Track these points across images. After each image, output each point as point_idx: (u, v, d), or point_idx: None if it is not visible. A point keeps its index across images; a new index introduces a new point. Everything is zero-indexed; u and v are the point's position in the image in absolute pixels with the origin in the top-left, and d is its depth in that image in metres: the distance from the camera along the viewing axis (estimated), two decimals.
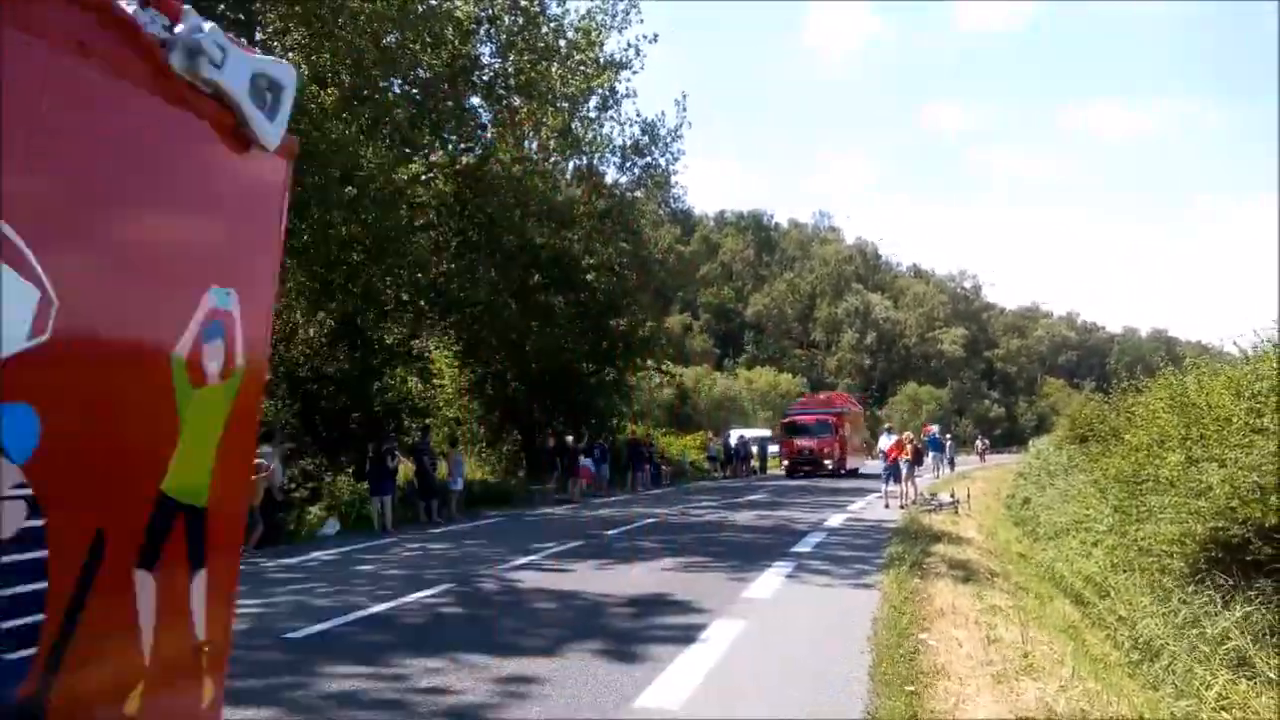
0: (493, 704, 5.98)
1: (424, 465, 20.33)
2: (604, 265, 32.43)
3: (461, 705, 5.98)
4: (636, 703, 5.99)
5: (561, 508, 23.05)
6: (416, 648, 7.56)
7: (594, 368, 33.54)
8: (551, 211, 29.52)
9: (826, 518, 18.73)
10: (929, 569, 11.31)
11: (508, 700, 6.05)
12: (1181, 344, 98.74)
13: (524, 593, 10.28)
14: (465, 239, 25.68)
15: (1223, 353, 16.50)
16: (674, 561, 12.50)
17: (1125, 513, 13.94)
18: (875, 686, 6.29)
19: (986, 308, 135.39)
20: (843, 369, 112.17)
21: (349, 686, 6.46)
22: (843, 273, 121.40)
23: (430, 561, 13.28)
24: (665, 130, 32.52)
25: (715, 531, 16.71)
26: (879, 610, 8.85)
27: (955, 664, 6.95)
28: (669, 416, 63.92)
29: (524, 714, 5.78)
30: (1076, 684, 6.42)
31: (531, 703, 5.98)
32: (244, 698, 6.16)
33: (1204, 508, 10.76)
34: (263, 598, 10.40)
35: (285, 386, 22.98)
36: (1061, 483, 21.33)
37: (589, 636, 7.87)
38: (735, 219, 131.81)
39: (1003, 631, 7.95)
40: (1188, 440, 12.42)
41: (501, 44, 26.22)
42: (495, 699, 6.09)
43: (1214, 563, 10.67)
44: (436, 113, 23.74)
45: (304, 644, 7.87)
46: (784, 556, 12.83)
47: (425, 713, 5.86)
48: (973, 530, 17.01)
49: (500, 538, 16.31)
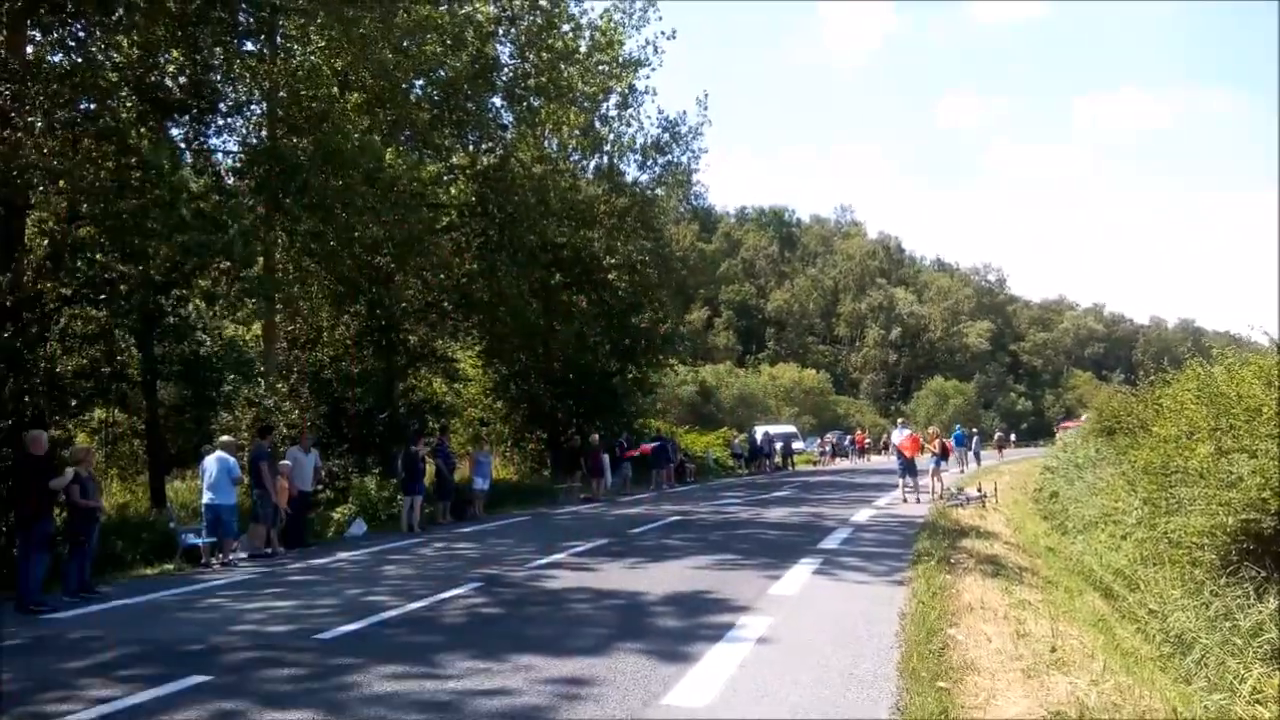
0: (550, 705, 5.95)
1: (441, 466, 20.46)
2: (625, 264, 32.51)
3: (519, 707, 5.94)
4: (665, 700, 6.01)
5: (587, 506, 23.11)
6: (457, 648, 7.58)
7: (617, 366, 33.59)
8: (572, 210, 29.64)
9: (854, 513, 18.68)
10: (957, 564, 11.27)
11: (562, 702, 6.01)
12: (1209, 334, 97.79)
13: (557, 591, 10.32)
14: (487, 239, 25.79)
15: (1251, 343, 16.37)
16: (703, 559, 12.51)
17: (1154, 505, 13.85)
18: (905, 683, 6.27)
19: (1011, 301, 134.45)
20: (867, 364, 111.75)
21: (393, 688, 6.46)
22: (866, 267, 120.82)
23: (459, 561, 13.36)
24: (686, 128, 32.62)
25: (742, 528, 16.70)
26: (908, 605, 8.83)
27: (985, 659, 6.93)
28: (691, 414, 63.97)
29: (582, 714, 5.75)
30: (1108, 678, 6.39)
31: (588, 704, 5.94)
32: (282, 700, 6.21)
33: (1234, 499, 10.69)
34: (294, 599, 10.50)
35: (312, 388, 23.17)
36: (1090, 476, 21.18)
37: (630, 636, 7.88)
38: (756, 215, 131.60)
39: (1032, 626, 7.92)
40: (1217, 431, 12.33)
41: (521, 45, 26.32)
42: (551, 700, 6.05)
43: (1246, 555, 10.60)
44: (457, 114, 23.85)
45: (339, 645, 7.92)
46: (812, 553, 12.81)
47: (485, 714, 5.83)
48: (1000, 525, 16.92)
49: (528, 537, 16.38)
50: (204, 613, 9.93)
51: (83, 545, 11.54)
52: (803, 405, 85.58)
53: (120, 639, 8.52)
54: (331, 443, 22.36)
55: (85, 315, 18.00)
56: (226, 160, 20.93)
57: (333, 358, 24.63)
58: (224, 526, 14.28)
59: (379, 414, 23.37)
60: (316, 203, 18.72)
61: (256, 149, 19.68)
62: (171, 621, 9.51)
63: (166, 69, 18.57)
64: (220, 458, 14.51)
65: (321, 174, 18.54)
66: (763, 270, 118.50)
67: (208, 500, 14.38)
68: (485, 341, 30.29)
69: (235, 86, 19.90)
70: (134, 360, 18.92)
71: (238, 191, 19.50)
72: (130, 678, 7.00)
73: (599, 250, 32.07)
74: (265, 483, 15.24)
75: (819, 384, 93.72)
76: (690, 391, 66.84)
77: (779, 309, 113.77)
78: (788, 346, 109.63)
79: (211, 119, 19.34)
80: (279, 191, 18.86)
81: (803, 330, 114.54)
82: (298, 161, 18.66)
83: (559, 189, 28.26)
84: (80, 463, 12.00)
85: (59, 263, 16.23)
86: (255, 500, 15.24)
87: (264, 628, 8.79)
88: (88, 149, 16.56)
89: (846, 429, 72.16)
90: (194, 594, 11.29)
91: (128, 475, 22.49)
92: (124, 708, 6.19)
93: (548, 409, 31.62)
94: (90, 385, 18.14)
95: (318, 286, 24.07)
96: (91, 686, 6.78)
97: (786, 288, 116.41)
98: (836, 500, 22.60)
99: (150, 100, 17.93)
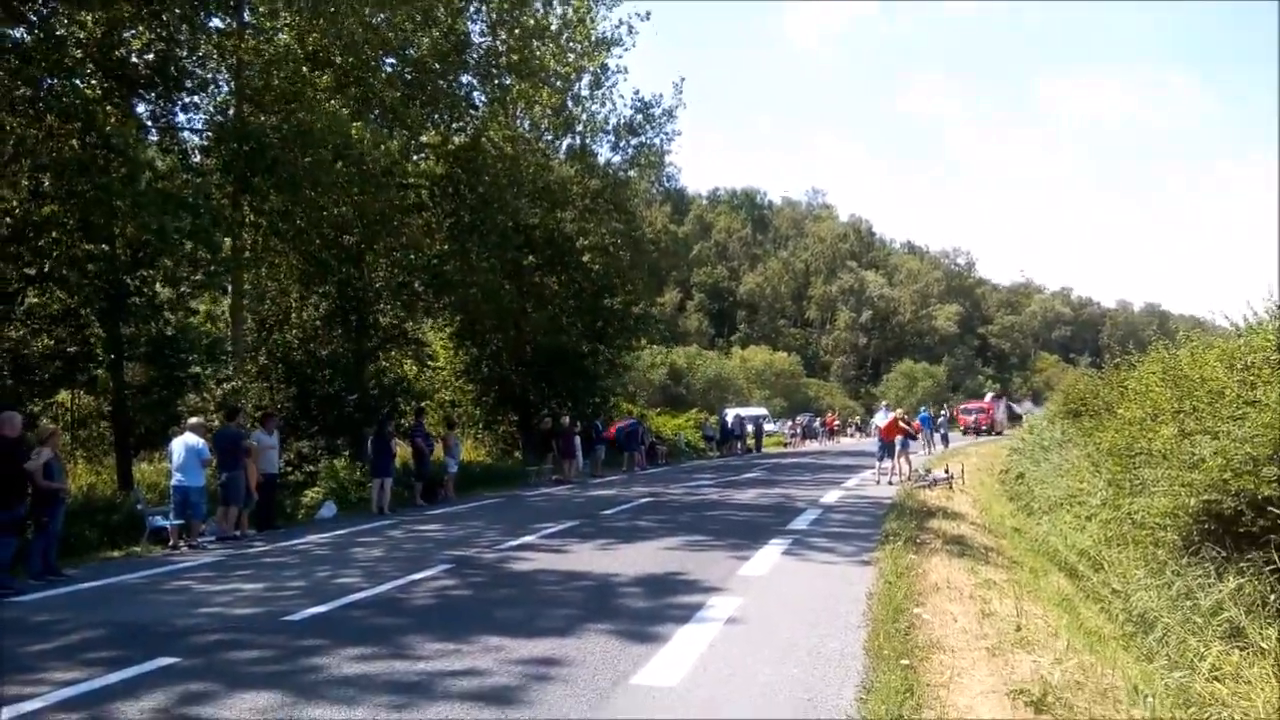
0: (519, 685, 5.96)
1: (418, 447, 20.38)
2: (598, 245, 32.42)
3: (489, 687, 5.95)
4: (634, 679, 6.04)
5: (559, 488, 23.11)
6: (427, 629, 7.57)
7: (589, 348, 33.56)
8: (545, 191, 29.50)
9: (823, 494, 18.80)
10: (924, 544, 11.37)
11: (532, 681, 6.03)
12: (1175, 318, 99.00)
13: (527, 573, 10.32)
14: (458, 220, 25.63)
15: (1215, 326, 16.55)
16: (673, 540, 12.56)
17: (1119, 486, 14.01)
18: (871, 661, 6.34)
19: (980, 284, 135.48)
20: (838, 347, 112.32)
21: (362, 669, 6.44)
22: (837, 250, 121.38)
23: (430, 543, 13.33)
24: (660, 110, 32.58)
25: (713, 509, 16.77)
26: (874, 585, 8.92)
27: (950, 638, 7.01)
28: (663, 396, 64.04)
29: (551, 694, 5.78)
30: (1071, 656, 6.48)
31: (558, 684, 5.96)
32: (250, 682, 6.18)
33: (1197, 480, 10.81)
34: (262, 581, 10.45)
35: (281, 369, 22.99)
36: (1056, 457, 21.40)
37: (600, 616, 7.90)
38: (729, 197, 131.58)
39: (997, 605, 8.01)
40: (1181, 413, 12.46)
41: (493, 21, 26.11)
42: (521, 680, 6.07)
43: (1207, 535, 10.74)
44: (428, 91, 23.64)
45: (307, 626, 7.89)
46: (782, 533, 12.89)
47: (455, 694, 5.83)
48: (967, 505, 17.09)
49: (499, 518, 16.37)
50: (171, 595, 9.85)
51: (46, 527, 11.42)
52: (774, 388, 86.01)
53: (86, 622, 8.45)
54: (301, 425, 22.21)
55: (51, 295, 17.75)
56: (194, 139, 20.70)
57: (301, 339, 24.41)
58: (192, 508, 14.16)
59: (349, 396, 23.23)
60: (285, 181, 18.51)
61: (224, 126, 19.42)
62: (138, 604, 9.43)
63: (132, 45, 18.30)
64: (187, 439, 14.38)
65: (290, 152, 18.34)
66: (735, 253, 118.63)
67: (175, 482, 14.25)
68: (457, 323, 30.15)
69: (203, 64, 19.64)
70: (100, 341, 18.68)
71: (205, 170, 19.26)
72: (96, 660, 6.94)
73: (571, 232, 31.95)
74: (239, 465, 15.15)
75: (790, 366, 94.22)
76: (662, 374, 66.93)
77: (751, 292, 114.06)
78: (759, 329, 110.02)
79: (178, 96, 19.08)
80: (247, 170, 18.64)
81: (774, 313, 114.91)
82: (266, 140, 18.45)
83: (530, 169, 28.12)
84: (45, 443, 11.87)
85: (23, 241, 15.99)
86: (225, 482, 15.12)
87: (231, 610, 8.74)
88: (51, 125, 16.30)
89: (817, 411, 72.61)
90: (161, 576, 11.20)
91: (94, 457, 22.23)
92: (90, 690, 6.13)
93: (519, 391, 31.55)
94: (58, 366, 17.90)
95: (286, 266, 23.84)
96: (57, 669, 6.71)
97: (759, 270, 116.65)
98: (806, 482, 22.74)
99: (115, 77, 17.66)
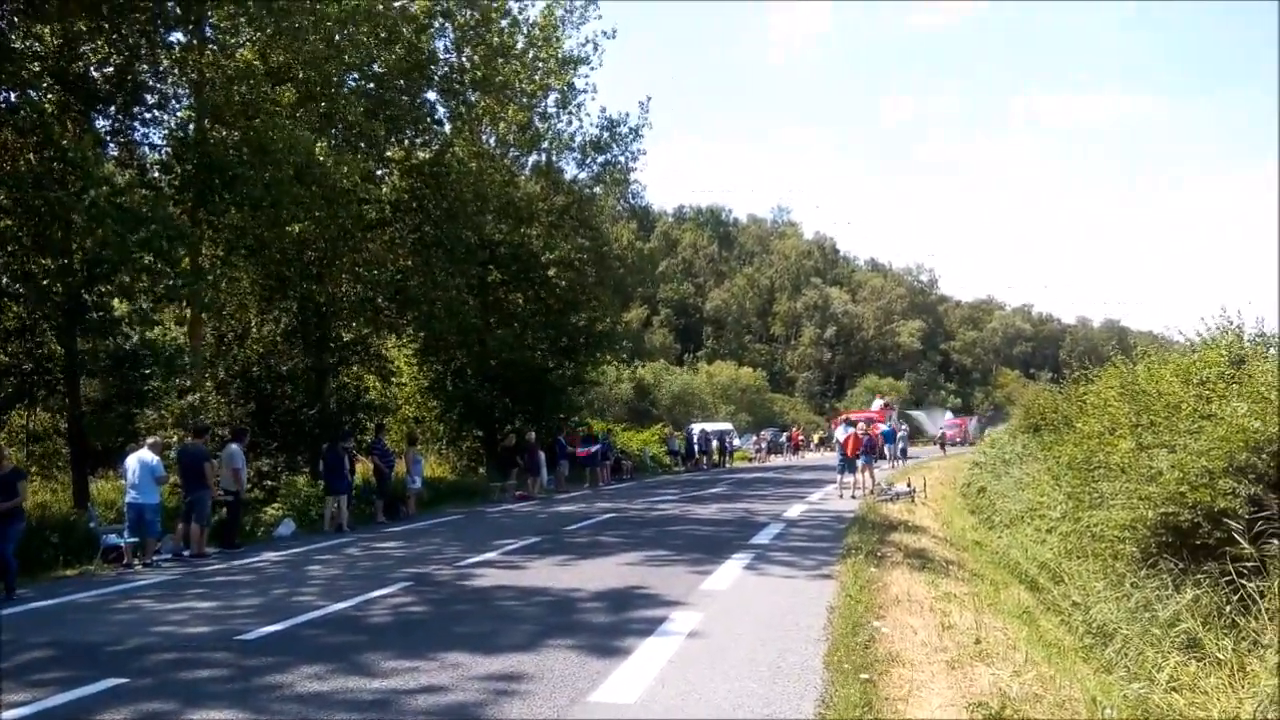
0: (478, 701, 5.92)
1: (378, 464, 20.19)
2: (563, 261, 32.35)
3: (449, 704, 5.90)
4: (592, 696, 5.99)
5: (522, 504, 22.99)
6: (384, 647, 7.49)
7: (554, 364, 33.46)
8: (510, 207, 29.44)
9: (786, 509, 18.84)
10: (885, 558, 11.41)
11: (491, 697, 5.99)
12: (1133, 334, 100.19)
13: (486, 590, 10.25)
14: (422, 235, 25.50)
15: (1173, 342, 16.80)
16: (635, 555, 12.52)
17: (1078, 499, 14.16)
18: (830, 675, 6.33)
19: (942, 300, 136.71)
20: (803, 363, 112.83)
21: (319, 688, 6.36)
22: (801, 267, 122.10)
23: (388, 560, 13.20)
24: (627, 129, 32.65)
25: (676, 524, 16.75)
26: (835, 599, 8.93)
27: (910, 651, 7.03)
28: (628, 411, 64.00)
29: (510, 710, 5.72)
30: (1030, 669, 6.51)
31: (516, 700, 5.92)
32: (204, 701, 6.08)
33: (1154, 493, 10.94)
34: (217, 600, 10.30)
35: (239, 385, 22.72)
36: (1016, 471, 21.60)
37: (560, 632, 7.85)
38: (694, 214, 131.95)
39: (957, 618, 8.04)
40: (1138, 427, 12.63)
41: (458, 39, 26.08)
42: (479, 696, 6.03)
43: (1164, 547, 10.86)
44: (391, 108, 23.54)
45: (262, 645, 7.77)
46: (744, 548, 12.89)
47: (413, 712, 5.78)
48: (929, 519, 17.19)
49: (460, 535, 16.25)
50: (123, 614, 9.68)
51: None
52: (739, 403, 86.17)
53: (34, 641, 8.27)
54: (261, 441, 21.93)
55: (6, 310, 17.43)
56: (153, 154, 20.45)
57: (261, 354, 24.14)
58: (147, 526, 13.93)
59: (309, 411, 22.98)
60: (244, 197, 18.32)
61: (184, 141, 19.22)
62: (89, 623, 9.25)
63: (91, 59, 18.08)
64: (142, 456, 14.16)
65: (249, 169, 18.16)
66: (701, 269, 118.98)
67: (130, 499, 14.02)
68: (421, 339, 29.95)
69: (164, 79, 19.43)
70: (57, 356, 18.35)
71: (159, 185, 19.03)
72: (44, 681, 6.79)
73: (537, 248, 31.88)
74: (207, 483, 14.96)
75: (755, 382, 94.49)
76: (628, 390, 66.90)
77: (717, 308, 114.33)
78: (725, 345, 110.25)
79: (138, 111, 18.86)
80: (205, 187, 18.43)
81: (740, 329, 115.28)
82: (226, 156, 18.27)
83: (495, 185, 28.04)
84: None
85: None
86: (192, 502, 14.85)
87: (185, 629, 8.59)
88: (6, 139, 16.07)
89: (782, 426, 72.83)
90: (114, 595, 11.00)
91: (50, 474, 21.82)
92: (36, 711, 6.01)
93: (484, 407, 31.37)
94: (13, 382, 17.57)
95: (246, 282, 23.59)
96: (5, 690, 6.55)
97: (725, 287, 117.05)
98: (770, 496, 22.79)
99: (73, 91, 17.44)
